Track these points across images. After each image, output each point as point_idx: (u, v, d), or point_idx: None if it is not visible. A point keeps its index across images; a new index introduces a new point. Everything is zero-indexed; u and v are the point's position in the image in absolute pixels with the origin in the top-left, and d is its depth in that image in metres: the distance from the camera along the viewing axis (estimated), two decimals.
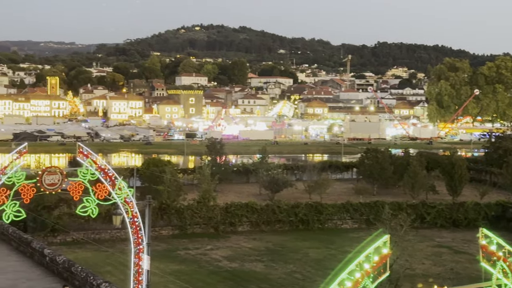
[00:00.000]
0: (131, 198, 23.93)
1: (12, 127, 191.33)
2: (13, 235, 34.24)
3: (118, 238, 52.25)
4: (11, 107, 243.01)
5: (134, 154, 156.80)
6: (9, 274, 28.96)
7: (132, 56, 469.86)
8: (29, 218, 46.50)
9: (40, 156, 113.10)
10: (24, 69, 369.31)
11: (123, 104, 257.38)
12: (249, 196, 73.77)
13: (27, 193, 22.34)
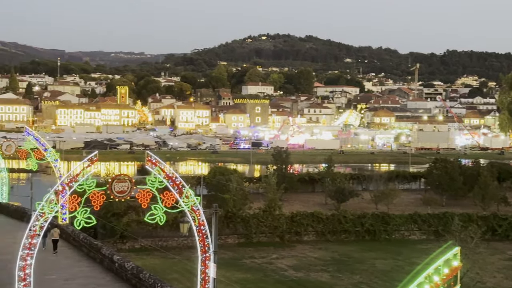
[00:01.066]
0: (198, 206, 24.16)
1: (83, 136, 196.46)
2: (84, 241, 35.03)
3: (185, 245, 52.73)
4: (82, 116, 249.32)
5: (200, 162, 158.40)
6: (80, 279, 29.63)
7: (200, 65, 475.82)
8: (99, 224, 47.50)
9: (110, 164, 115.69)
10: (95, 79, 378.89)
11: (190, 113, 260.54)
12: (315, 205, 73.37)
13: (97, 200, 22.86)
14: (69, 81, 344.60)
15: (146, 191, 23.41)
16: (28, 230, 22.27)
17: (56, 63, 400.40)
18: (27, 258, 22.17)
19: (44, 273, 27.72)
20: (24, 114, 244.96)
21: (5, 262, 29.97)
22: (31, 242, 22.10)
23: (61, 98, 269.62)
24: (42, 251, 24.12)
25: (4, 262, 30.23)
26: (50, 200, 22.35)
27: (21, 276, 22.22)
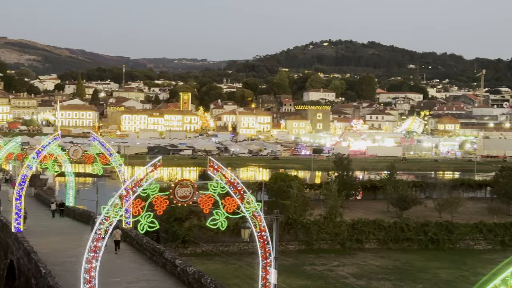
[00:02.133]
0: (259, 212, 24.21)
1: (147, 141, 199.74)
2: (147, 245, 35.54)
3: (245, 251, 52.93)
4: (146, 122, 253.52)
5: (261, 168, 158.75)
6: (142, 283, 30.07)
7: (261, 72, 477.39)
8: (162, 229, 48.14)
9: (173, 169, 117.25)
10: (159, 85, 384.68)
11: (252, 119, 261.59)
12: (377, 213, 72.57)
13: (160, 205, 23.17)
14: (134, 88, 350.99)
15: (208, 196, 23.60)
16: (94, 233, 22.75)
17: (121, 70, 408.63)
18: (92, 260, 22.65)
19: (108, 275, 28.23)
20: (90, 120, 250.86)
21: (71, 264, 30.71)
22: (96, 245, 22.57)
23: (125, 104, 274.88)
24: (106, 253, 24.61)
25: (71, 264, 30.97)
26: (115, 204, 22.78)
27: (87, 278, 22.71)
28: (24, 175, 41.42)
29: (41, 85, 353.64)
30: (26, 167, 42.05)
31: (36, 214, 48.15)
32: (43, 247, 36.47)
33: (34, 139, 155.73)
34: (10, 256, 40.52)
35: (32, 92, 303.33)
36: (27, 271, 33.89)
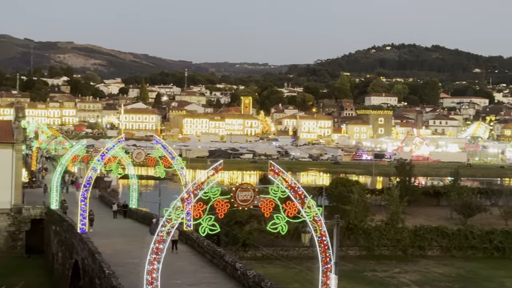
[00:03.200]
0: (319, 216, 24.07)
1: (208, 145, 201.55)
2: (208, 248, 35.80)
3: (305, 255, 52.72)
4: (207, 125, 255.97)
5: (322, 173, 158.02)
6: (203, 285, 30.29)
7: (322, 76, 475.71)
8: (222, 232, 48.41)
9: (233, 173, 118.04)
10: (220, 89, 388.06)
11: (313, 124, 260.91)
12: (439, 219, 71.19)
13: (221, 208, 23.29)
14: (196, 92, 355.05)
15: (269, 200, 23.60)
16: (156, 235, 23.05)
17: (183, 74, 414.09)
18: (155, 262, 22.95)
19: (170, 277, 28.53)
20: (153, 123, 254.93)
21: (134, 265, 31.19)
22: (159, 247, 22.87)
23: (187, 108, 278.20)
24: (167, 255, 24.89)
25: (133, 265, 31.45)
26: (177, 206, 23.03)
27: (149, 280, 23.03)
28: (89, 177, 42.33)
29: (106, 89, 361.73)
30: (91, 169, 42.95)
31: (100, 216, 49.10)
32: (107, 248, 37.15)
33: (99, 142, 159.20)
34: (75, 256, 41.45)
35: (97, 95, 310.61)
36: (91, 271, 34.60)
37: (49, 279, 51.04)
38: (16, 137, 63.53)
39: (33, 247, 62.69)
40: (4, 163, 62.62)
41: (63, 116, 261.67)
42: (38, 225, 63.14)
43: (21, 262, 57.83)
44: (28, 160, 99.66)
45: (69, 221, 46.62)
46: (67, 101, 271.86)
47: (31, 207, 63.63)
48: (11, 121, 67.46)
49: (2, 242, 62.55)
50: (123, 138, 44.89)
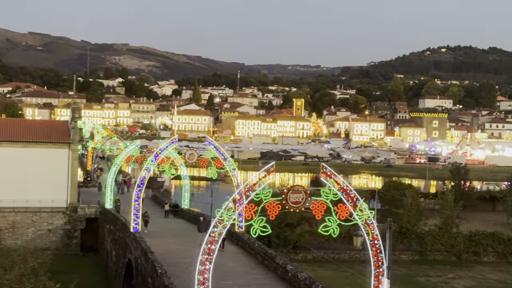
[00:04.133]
0: (372, 220, 23.83)
1: (259, 146, 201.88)
2: (259, 249, 35.83)
3: (357, 259, 52.32)
4: (259, 127, 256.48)
5: (374, 176, 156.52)
6: (254, 287, 30.34)
7: (376, 78, 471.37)
8: (273, 234, 48.41)
9: (284, 175, 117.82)
10: (272, 91, 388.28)
11: (365, 126, 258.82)
12: (495, 225, 69.77)
13: (273, 210, 23.26)
14: (248, 93, 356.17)
15: (320, 202, 23.47)
16: (208, 235, 23.18)
17: (236, 75, 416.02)
18: (206, 263, 23.08)
19: (221, 278, 28.67)
20: (205, 125, 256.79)
21: (185, 265, 31.45)
22: (210, 247, 22.99)
23: (239, 109, 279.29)
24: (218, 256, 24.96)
25: (185, 265, 31.72)
26: (229, 208, 23.12)
27: (200, 280, 23.17)
28: (142, 177, 42.87)
29: (160, 90, 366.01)
30: (145, 169, 43.49)
31: (152, 215, 49.69)
32: (159, 248, 37.56)
33: (152, 143, 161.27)
34: (128, 255, 42.05)
35: (151, 97, 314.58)
36: (144, 270, 35.03)
37: (103, 277, 51.93)
38: (72, 137, 64.91)
39: (88, 245, 63.93)
40: (61, 163, 64.06)
41: (117, 117, 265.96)
42: (93, 224, 64.35)
43: (76, 260, 59.01)
44: (83, 160, 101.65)
45: (123, 220, 47.34)
46: (122, 102, 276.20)
47: (86, 206, 64.93)
48: (68, 122, 68.94)
49: (58, 240, 63.99)
50: (176, 139, 45.26)
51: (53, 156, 64.28)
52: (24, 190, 62.69)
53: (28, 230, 63.35)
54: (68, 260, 56.08)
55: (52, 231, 64.03)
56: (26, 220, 63.33)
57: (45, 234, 63.76)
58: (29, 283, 26.11)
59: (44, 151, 64.26)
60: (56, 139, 64.98)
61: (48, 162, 63.82)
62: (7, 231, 61.92)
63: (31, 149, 63.96)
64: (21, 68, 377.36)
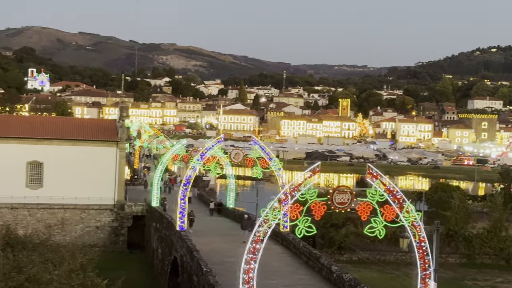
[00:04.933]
0: (418, 222, 23.57)
1: (305, 146, 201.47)
2: (304, 250, 35.78)
3: (403, 261, 51.80)
4: (305, 127, 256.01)
5: (421, 177, 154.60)
6: (299, 287, 30.32)
7: (423, 79, 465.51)
8: (318, 234, 48.26)
9: (329, 175, 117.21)
10: (318, 91, 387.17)
11: (412, 127, 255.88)
12: None
13: (318, 210, 23.19)
14: (293, 93, 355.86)
15: (366, 203, 23.31)
16: (253, 235, 23.24)
17: (282, 75, 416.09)
18: (251, 262, 23.13)
19: (266, 277, 28.68)
20: (251, 124, 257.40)
21: (230, 264, 31.58)
22: (255, 247, 23.04)
23: (285, 109, 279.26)
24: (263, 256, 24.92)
25: (230, 264, 31.85)
26: (274, 207, 23.14)
27: (245, 279, 23.23)
28: (188, 176, 43.21)
29: (206, 90, 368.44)
30: (191, 168, 43.81)
31: (198, 214, 50.04)
32: (204, 246, 37.82)
33: (198, 142, 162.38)
34: (174, 253, 42.45)
35: (197, 96, 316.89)
36: (190, 268, 35.31)
37: (149, 275, 52.55)
38: (120, 135, 65.87)
39: (134, 242, 64.78)
40: (109, 161, 65.09)
41: (164, 116, 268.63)
42: (139, 221, 65.17)
43: (123, 257, 59.84)
44: (130, 158, 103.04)
45: (169, 218, 47.81)
46: (169, 102, 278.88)
47: (133, 204, 65.82)
48: (116, 120, 69.96)
49: (106, 237, 65.03)
50: (222, 138, 45.49)
51: (101, 154, 65.36)
52: (73, 187, 63.94)
53: (76, 227, 64.57)
54: (115, 257, 56.89)
55: (100, 228, 65.11)
56: (74, 217, 64.57)
57: (93, 231, 64.88)
58: (77, 279, 26.56)
59: (92, 149, 65.40)
60: (104, 138, 66.05)
61: (96, 160, 64.91)
62: (56, 228, 63.22)
63: (80, 147, 65.18)
64: (71, 68, 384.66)
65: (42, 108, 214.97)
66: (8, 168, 63.15)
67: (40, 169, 64.30)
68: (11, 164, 63.32)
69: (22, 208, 63.51)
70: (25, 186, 63.95)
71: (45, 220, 63.33)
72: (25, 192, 63.56)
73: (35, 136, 64.96)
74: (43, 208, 63.92)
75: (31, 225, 61.60)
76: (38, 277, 25.02)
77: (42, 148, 64.53)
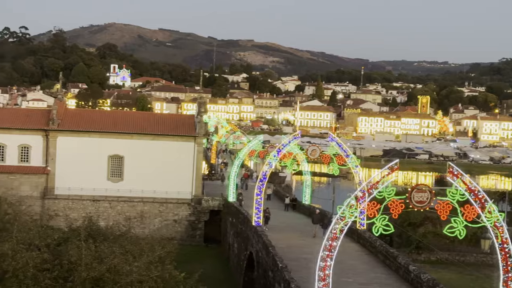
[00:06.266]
0: (501, 222, 22.88)
1: (382, 144, 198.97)
2: (380, 248, 35.34)
3: (484, 263, 50.44)
4: (382, 124, 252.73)
5: (504, 177, 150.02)
6: (375, 286, 29.98)
7: (507, 75, 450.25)
8: (395, 233, 47.54)
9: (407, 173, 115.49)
10: (397, 88, 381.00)
11: (495, 125, 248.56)
12: None
13: (395, 209, 22.88)
14: (371, 90, 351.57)
15: (446, 203, 22.81)
16: (329, 232, 23.12)
17: (359, 72, 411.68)
18: (327, 259, 23.04)
19: (341, 275, 28.54)
20: (328, 121, 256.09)
21: (306, 261, 31.54)
22: (332, 244, 22.92)
23: (362, 106, 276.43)
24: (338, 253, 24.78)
25: (305, 261, 31.82)
26: (351, 205, 22.95)
27: (321, 276, 23.16)
28: (264, 172, 43.39)
29: (283, 86, 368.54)
30: (267, 164, 43.99)
31: (273, 210, 50.16)
32: (280, 242, 37.90)
33: (274, 138, 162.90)
34: (249, 248, 42.75)
35: (274, 92, 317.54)
36: (265, 263, 35.47)
37: (225, 269, 53.11)
38: (198, 131, 66.83)
39: (211, 237, 65.62)
40: (187, 156, 66.16)
41: (241, 112, 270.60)
42: (216, 216, 65.95)
43: (200, 250, 60.72)
44: (208, 153, 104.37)
45: (245, 214, 48.14)
46: (246, 98, 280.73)
47: (210, 198, 66.68)
48: (194, 116, 70.96)
49: (183, 230, 66.15)
50: (299, 134, 45.44)
51: (180, 148, 66.52)
52: (152, 181, 65.35)
53: (155, 220, 65.96)
54: (192, 251, 57.77)
55: (178, 221, 66.29)
56: (153, 210, 65.98)
57: (171, 225, 66.12)
58: (156, 271, 27.09)
59: (171, 143, 66.64)
60: (182, 133, 67.17)
61: (175, 155, 66.11)
62: (135, 220, 64.78)
63: (159, 142, 66.53)
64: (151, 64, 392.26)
65: (123, 103, 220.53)
66: (90, 161, 65.16)
67: (120, 163, 66.02)
68: (94, 157, 65.31)
69: (103, 200, 65.39)
70: (106, 179, 65.81)
71: (125, 212, 65.00)
72: (106, 185, 65.41)
73: (116, 130, 66.70)
74: (123, 201, 65.61)
75: (111, 217, 63.35)
76: (119, 268, 25.68)
77: (123, 142, 66.24)
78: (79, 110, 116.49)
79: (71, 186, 64.43)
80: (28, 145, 65.58)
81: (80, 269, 25.46)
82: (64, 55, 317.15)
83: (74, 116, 70.39)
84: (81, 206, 64.79)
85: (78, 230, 31.83)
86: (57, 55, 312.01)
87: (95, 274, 25.16)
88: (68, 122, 66.98)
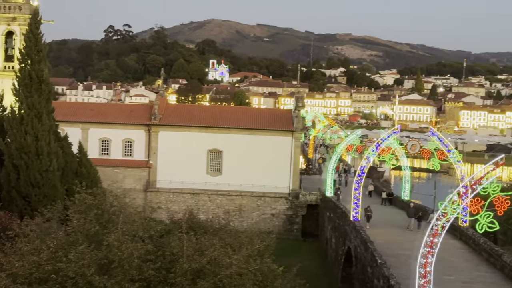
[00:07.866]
0: None
1: (485, 138, 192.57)
2: (484, 246, 34.28)
3: None
4: (486, 118, 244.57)
5: None
6: (478, 284, 29.13)
7: None
8: (500, 230, 45.95)
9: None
10: (502, 80, 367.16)
11: None
12: None
13: (501, 205, 22.11)
14: (474, 83, 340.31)
15: None
16: (430, 228, 22.63)
17: (461, 64, 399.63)
18: (428, 256, 22.56)
19: (442, 272, 27.90)
20: (427, 115, 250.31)
21: (405, 257, 30.99)
22: (433, 240, 22.43)
23: (464, 99, 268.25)
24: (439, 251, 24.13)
25: (405, 257, 31.27)
26: (453, 201, 22.37)
27: (422, 273, 22.72)
28: (362, 166, 42.97)
29: (381, 80, 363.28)
30: (365, 159, 43.54)
31: (372, 205, 49.59)
32: (378, 237, 37.46)
33: (372, 132, 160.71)
34: (347, 243, 42.50)
35: (372, 86, 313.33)
36: (364, 259, 35.17)
37: (323, 263, 53.03)
38: (295, 125, 66.99)
39: (308, 231, 65.71)
40: (284, 150, 66.47)
41: (338, 106, 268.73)
42: (313, 210, 65.96)
43: (297, 244, 60.92)
44: (305, 148, 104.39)
45: (343, 208, 47.88)
46: (343, 92, 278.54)
47: (307, 193, 66.75)
48: (291, 110, 71.13)
49: (281, 224, 66.57)
50: (398, 129, 44.71)
51: (277, 143, 66.89)
52: (250, 175, 66.11)
53: (253, 214, 66.73)
54: (289, 245, 58.04)
55: (275, 215, 66.77)
56: (251, 204, 66.74)
57: (269, 218, 66.68)
58: (255, 264, 27.34)
59: (268, 138, 67.12)
60: (280, 127, 67.51)
61: (272, 149, 66.55)
62: (234, 214, 65.63)
63: (257, 136, 67.14)
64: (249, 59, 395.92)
65: (222, 98, 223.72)
66: (190, 155, 66.65)
67: (219, 157, 67.16)
68: (194, 151, 66.76)
69: (203, 193, 66.75)
70: (206, 173, 67.12)
71: (224, 206, 66.03)
72: (205, 179, 66.73)
73: (215, 125, 67.86)
74: (222, 195, 66.74)
75: (211, 210, 64.52)
76: (219, 260, 26.10)
77: (222, 136, 67.33)
78: (179, 105, 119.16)
79: (172, 180, 66.12)
80: (132, 139, 67.80)
81: (182, 261, 26.05)
82: (165, 51, 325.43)
83: (175, 111, 72.13)
84: (182, 199, 66.35)
85: (179, 222, 32.55)
86: (159, 52, 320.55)
87: (196, 265, 25.67)
88: (169, 117, 68.72)
